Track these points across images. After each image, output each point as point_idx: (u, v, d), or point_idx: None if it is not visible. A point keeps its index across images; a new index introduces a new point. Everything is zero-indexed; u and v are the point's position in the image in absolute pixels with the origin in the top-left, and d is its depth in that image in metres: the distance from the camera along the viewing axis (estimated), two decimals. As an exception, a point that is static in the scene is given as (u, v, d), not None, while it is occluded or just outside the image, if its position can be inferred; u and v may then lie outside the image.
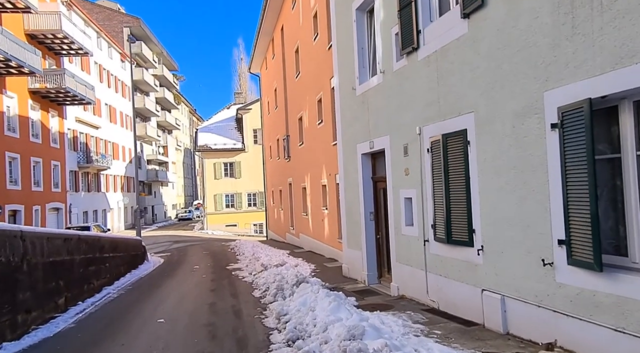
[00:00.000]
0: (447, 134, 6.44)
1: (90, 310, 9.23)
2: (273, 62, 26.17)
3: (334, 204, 14.32)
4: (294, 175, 21.47)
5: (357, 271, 10.19)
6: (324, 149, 15.30)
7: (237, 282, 12.02)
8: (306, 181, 18.57)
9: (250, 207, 44.54)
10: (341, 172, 11.01)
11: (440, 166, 6.60)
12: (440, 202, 6.66)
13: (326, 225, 15.52)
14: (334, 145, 13.84)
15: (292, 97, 21.25)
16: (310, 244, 18.23)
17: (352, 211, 10.36)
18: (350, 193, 10.43)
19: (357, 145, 9.85)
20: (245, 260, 16.57)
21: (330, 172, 14.61)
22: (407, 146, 7.73)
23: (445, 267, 6.72)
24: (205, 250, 22.76)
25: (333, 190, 14.37)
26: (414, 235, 7.61)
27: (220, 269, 14.90)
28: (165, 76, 59.42)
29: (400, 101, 7.88)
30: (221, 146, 43.56)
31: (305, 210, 19.20)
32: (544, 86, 4.68)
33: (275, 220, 28.75)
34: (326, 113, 14.89)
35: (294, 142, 20.99)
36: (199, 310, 8.67)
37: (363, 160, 9.69)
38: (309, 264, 13.74)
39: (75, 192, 34.08)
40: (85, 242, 10.91)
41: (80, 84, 29.23)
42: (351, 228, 10.44)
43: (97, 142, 38.80)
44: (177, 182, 70.12)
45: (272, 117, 28.16)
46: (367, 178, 9.69)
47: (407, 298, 7.97)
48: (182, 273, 14.69)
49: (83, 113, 35.90)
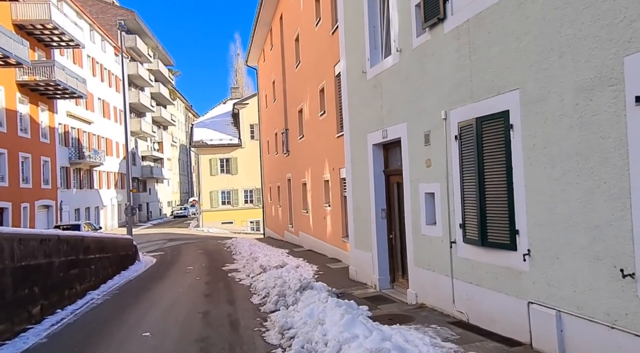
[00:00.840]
0: (483, 117, 5.46)
1: (68, 319, 8.22)
2: (271, 54, 25.12)
3: (338, 201, 13.34)
4: (293, 170, 20.48)
5: (366, 274, 9.22)
6: (326, 142, 14.31)
7: (233, 285, 11.04)
8: (306, 176, 17.58)
9: (247, 204, 43.53)
10: (348, 165, 10.03)
11: (473, 155, 5.62)
12: (472, 197, 5.69)
13: (329, 223, 14.54)
14: (339, 137, 12.85)
15: (291, 88, 20.23)
16: (311, 243, 17.26)
17: (360, 208, 9.38)
18: (358, 188, 9.45)
19: (367, 135, 8.87)
20: (242, 260, 15.59)
21: (333, 166, 13.63)
22: (428, 134, 6.75)
23: (477, 274, 5.75)
24: (200, 249, 21.76)
25: (336, 185, 13.39)
26: (437, 235, 6.63)
27: (215, 270, 13.91)
28: (161, 71, 58.24)
29: (422, 82, 6.89)
30: (217, 142, 42.49)
31: (306, 207, 18.22)
32: (624, 50, 3.70)
33: (273, 218, 27.77)
34: (329, 103, 13.90)
35: (294, 135, 19.99)
36: (190, 321, 7.68)
37: (374, 152, 8.70)
38: (310, 265, 12.76)
39: (67, 189, 32.98)
40: (66, 242, 9.89)
41: (71, 77, 28.12)
42: (360, 227, 9.46)
43: (90, 137, 37.67)
44: (173, 179, 68.98)
45: (269, 111, 27.14)
46: (378, 171, 8.71)
47: (428, 307, 7.00)
48: (175, 274, 13.69)
49: (75, 107, 34.75)
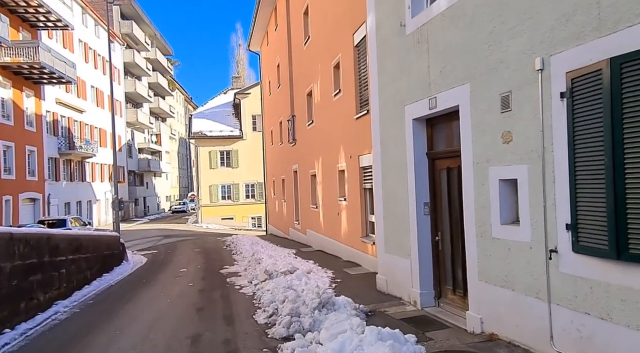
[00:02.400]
0: (623, 56, 3.48)
1: (10, 348, 6.24)
2: (275, 35, 23.08)
3: (356, 194, 11.37)
4: (300, 161, 18.49)
5: (401, 286, 7.24)
6: (342, 126, 12.32)
7: (233, 294, 9.08)
8: (316, 167, 15.60)
9: (248, 199, 41.58)
10: (376, 148, 8.02)
11: (598, 120, 3.64)
12: (595, 184, 3.72)
13: (344, 220, 12.58)
14: (359, 119, 10.87)
15: (299, 70, 18.21)
16: (321, 242, 15.30)
17: (393, 201, 7.39)
18: (391, 176, 7.46)
19: (405, 107, 6.87)
20: (244, 261, 13.65)
21: (350, 154, 11.64)
22: (508, 95, 4.76)
23: (601, 301, 3.79)
24: (197, 247, 19.82)
25: (355, 176, 11.41)
26: (522, 240, 4.66)
27: (212, 274, 11.96)
28: (159, 60, 56.14)
29: (498, 22, 4.89)
30: (217, 133, 40.50)
31: (315, 202, 16.25)
32: None
33: (276, 214, 25.82)
34: (346, 80, 11.89)
35: (301, 122, 17.99)
36: (174, 350, 5.73)
37: (415, 129, 6.70)
38: (324, 270, 10.79)
39: (56, 181, 31.03)
40: (24, 242, 7.92)
41: (58, 60, 26.09)
42: (392, 226, 7.47)
43: (82, 127, 35.66)
44: (172, 173, 66.99)
45: (274, 99, 25.12)
46: (420, 154, 6.71)
47: (502, 340, 5.03)
48: (165, 279, 11.74)
49: (65, 95, 32.73)
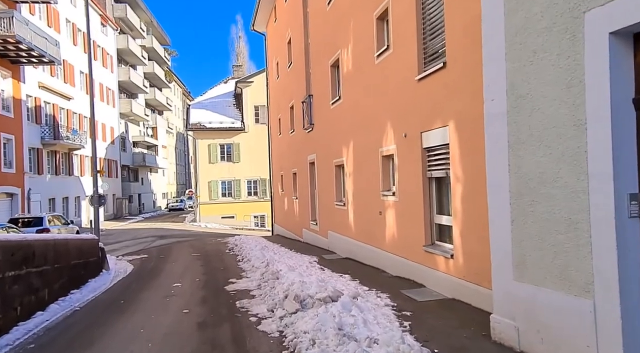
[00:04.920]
0: None
1: None
2: (286, 7, 19.90)
3: (414, 186, 8.23)
4: (319, 149, 15.36)
5: (562, 345, 4.06)
6: (391, 94, 9.18)
7: (249, 334, 5.94)
8: (345, 155, 12.46)
9: (250, 196, 38.41)
10: (494, 105, 4.82)
11: None
12: None
13: (391, 221, 9.44)
14: (424, 79, 7.72)
15: (319, 39, 15.05)
16: (350, 248, 12.18)
17: (543, 192, 4.19)
18: (535, 149, 4.25)
19: (584, 15, 3.70)
20: (255, 272, 10.54)
21: (406, 131, 8.50)
22: None
23: None
24: (195, 251, 16.67)
25: (412, 161, 8.28)
26: None
27: (215, 292, 8.82)
28: (155, 49, 52.86)
29: None
30: (217, 125, 37.32)
31: (342, 199, 13.13)
32: None
33: (285, 213, 22.67)
34: (399, 30, 8.72)
35: (322, 102, 14.84)
36: None
37: (613, 54, 3.53)
38: (375, 293, 7.64)
39: (38, 175, 27.80)
40: None
41: (38, 35, 22.83)
42: (538, 235, 4.26)
43: (69, 115, 32.39)
44: (169, 169, 63.71)
45: (282, 82, 21.96)
46: (620, 102, 3.57)
47: None
48: (151, 300, 8.57)
49: (50, 79, 29.50)
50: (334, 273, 9.91)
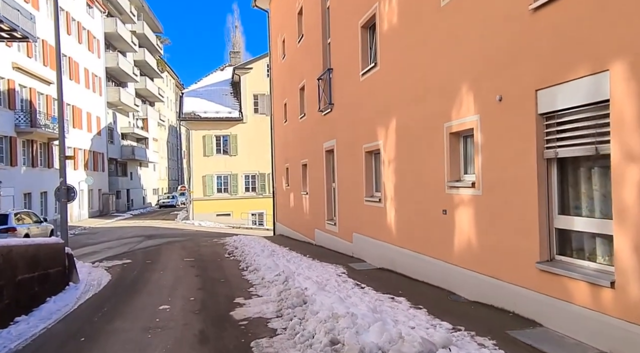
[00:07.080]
0: None
1: None
2: (297, -29, 17.16)
3: (518, 172, 5.52)
4: (341, 133, 12.64)
5: None
6: (478, 41, 6.45)
7: None
8: (382, 137, 9.72)
9: (248, 192, 35.61)
10: None
11: None
12: None
13: (468, 224, 6.72)
14: (543, 7, 4.99)
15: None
16: (388, 256, 9.46)
17: None
18: None
19: None
20: (269, 289, 7.91)
21: (502, 92, 5.78)
22: None
23: None
24: (188, 256, 13.92)
25: (515, 136, 5.56)
26: None
27: (218, 323, 6.07)
28: (147, 36, 49.75)
29: None
30: (213, 115, 34.50)
31: (376, 193, 10.43)
32: None
33: (290, 210, 19.95)
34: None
35: (346, 75, 12.11)
36: None
37: None
38: (470, 336, 4.94)
39: (11, 167, 24.81)
40: None
41: (8, 5, 19.87)
42: None
43: (49, 101, 29.37)
44: (160, 164, 60.63)
45: (290, 61, 19.20)
46: None
47: None
48: (125, 337, 5.78)
49: (26, 60, 26.49)
50: (381, 294, 7.23)
